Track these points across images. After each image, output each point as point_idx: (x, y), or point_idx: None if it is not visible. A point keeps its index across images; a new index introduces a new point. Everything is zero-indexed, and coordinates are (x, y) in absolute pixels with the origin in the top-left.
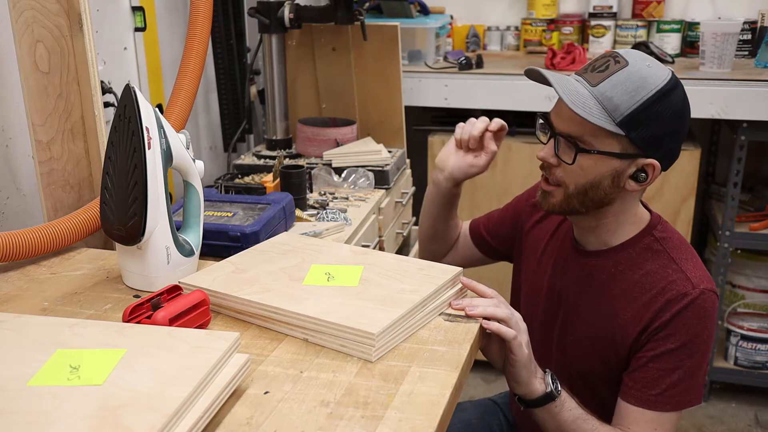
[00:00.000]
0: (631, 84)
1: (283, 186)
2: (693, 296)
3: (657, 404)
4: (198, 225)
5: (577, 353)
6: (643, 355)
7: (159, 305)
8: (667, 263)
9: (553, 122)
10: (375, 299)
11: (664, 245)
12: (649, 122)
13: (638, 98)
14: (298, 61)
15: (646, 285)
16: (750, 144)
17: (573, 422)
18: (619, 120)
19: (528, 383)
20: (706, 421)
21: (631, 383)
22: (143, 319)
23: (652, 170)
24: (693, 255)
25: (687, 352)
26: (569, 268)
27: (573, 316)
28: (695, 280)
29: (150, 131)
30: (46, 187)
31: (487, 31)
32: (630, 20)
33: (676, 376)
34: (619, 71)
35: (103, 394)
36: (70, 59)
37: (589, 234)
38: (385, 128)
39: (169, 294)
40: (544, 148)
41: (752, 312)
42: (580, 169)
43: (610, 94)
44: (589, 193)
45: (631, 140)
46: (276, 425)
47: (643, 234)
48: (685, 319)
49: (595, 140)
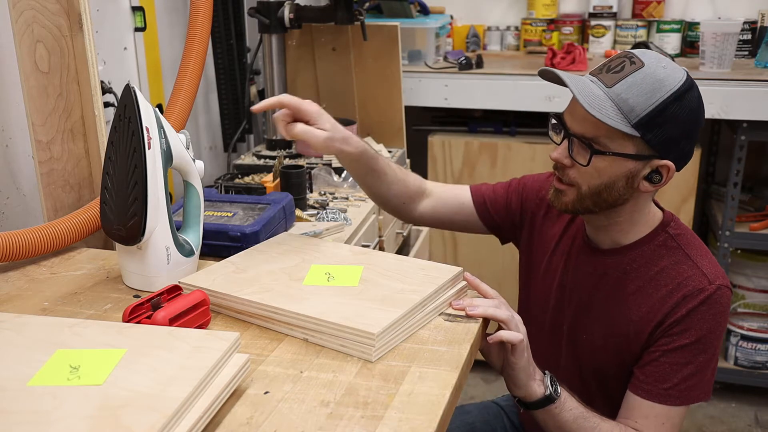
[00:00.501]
0: (647, 86)
1: (283, 186)
2: (709, 292)
3: (667, 398)
4: (198, 225)
5: (590, 351)
6: (656, 349)
7: (159, 305)
8: (682, 259)
9: (567, 123)
10: (375, 299)
11: (679, 242)
12: (665, 124)
13: (654, 100)
14: (298, 61)
15: (661, 281)
16: (750, 144)
17: (573, 422)
18: (635, 122)
19: (527, 386)
20: (706, 421)
21: (642, 376)
22: (143, 319)
23: (666, 171)
24: (707, 251)
25: (701, 347)
26: (582, 267)
27: (585, 314)
28: (711, 276)
29: (150, 131)
30: (46, 187)
31: (487, 31)
32: (630, 20)
33: (688, 371)
34: (634, 72)
35: (103, 394)
36: (70, 59)
37: (602, 232)
38: (385, 128)
39: (169, 294)
40: (557, 148)
41: (752, 312)
42: (595, 170)
43: (625, 96)
44: (602, 194)
45: (646, 142)
46: (276, 425)
47: (657, 231)
48: (701, 314)
49: (610, 142)
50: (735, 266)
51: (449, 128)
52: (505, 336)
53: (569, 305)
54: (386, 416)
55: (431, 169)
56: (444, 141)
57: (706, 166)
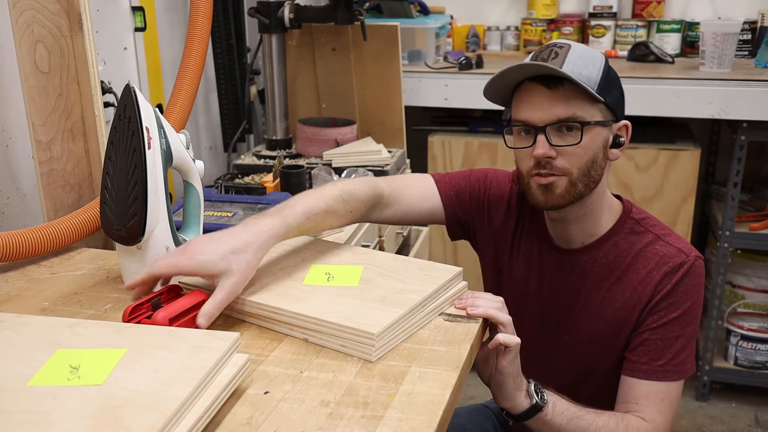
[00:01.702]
0: (586, 58)
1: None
2: (689, 264)
3: (664, 374)
4: (198, 225)
5: (579, 350)
6: (645, 329)
7: (159, 305)
8: (654, 240)
9: (534, 118)
10: (375, 299)
11: (645, 225)
12: (612, 86)
13: (598, 67)
14: (298, 61)
15: (639, 265)
16: (750, 144)
17: (568, 424)
18: (596, 89)
19: (513, 396)
20: (706, 421)
21: (635, 358)
22: (143, 319)
23: (626, 131)
24: (671, 230)
25: (687, 319)
26: (558, 274)
27: (569, 317)
28: (686, 250)
29: (150, 131)
30: (46, 187)
31: (487, 31)
32: (630, 20)
33: (679, 344)
34: (569, 52)
35: (103, 394)
36: (70, 59)
37: (574, 227)
38: (385, 128)
39: (169, 294)
40: (536, 146)
41: (752, 312)
42: (581, 148)
43: (578, 70)
44: (591, 172)
45: (607, 105)
46: (276, 425)
47: (623, 219)
48: (685, 286)
49: (586, 114)
50: (735, 266)
51: (449, 128)
52: (502, 339)
53: (553, 313)
54: (386, 416)
55: (431, 169)
56: (444, 141)
57: (706, 166)
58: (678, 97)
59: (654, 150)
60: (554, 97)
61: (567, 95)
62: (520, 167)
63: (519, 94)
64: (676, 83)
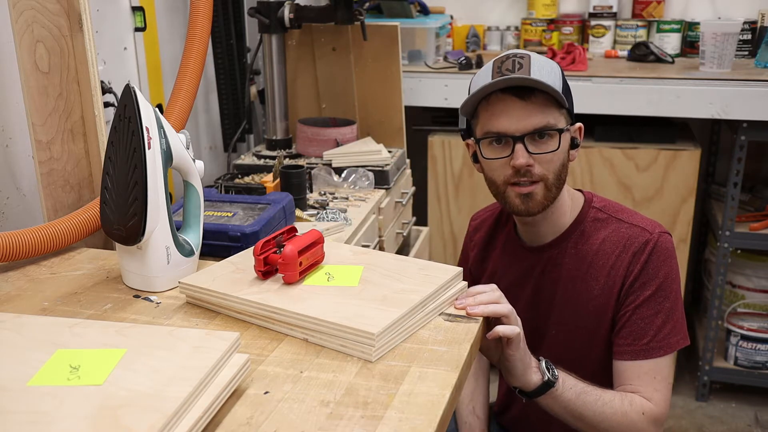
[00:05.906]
0: (547, 66)
1: (283, 186)
2: (654, 240)
3: (649, 352)
4: (198, 225)
5: (567, 342)
6: (625, 310)
7: (282, 244)
8: (617, 225)
9: (510, 129)
10: (375, 299)
11: (607, 212)
12: (568, 92)
13: (558, 74)
14: (298, 61)
15: (607, 250)
16: (750, 144)
17: (577, 398)
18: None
19: (524, 375)
20: (706, 421)
21: (620, 341)
22: (271, 254)
23: (580, 133)
24: (634, 211)
25: (663, 294)
26: (534, 269)
27: (553, 311)
28: (649, 228)
29: (150, 131)
30: (46, 187)
31: (487, 31)
32: (630, 20)
33: (659, 320)
34: (531, 61)
35: (103, 394)
36: (70, 59)
37: (545, 222)
38: (385, 128)
39: (288, 234)
40: (515, 155)
41: (752, 312)
42: (555, 155)
43: (545, 78)
44: (562, 175)
45: (568, 111)
46: (276, 425)
47: (586, 209)
48: (653, 263)
49: (557, 121)
50: (735, 266)
51: (449, 128)
52: (502, 331)
53: (537, 310)
54: (386, 416)
55: (431, 169)
56: (444, 141)
57: (706, 166)
58: (678, 97)
59: (654, 150)
60: (528, 107)
61: (540, 104)
62: (494, 177)
63: (488, 105)
64: (676, 83)
